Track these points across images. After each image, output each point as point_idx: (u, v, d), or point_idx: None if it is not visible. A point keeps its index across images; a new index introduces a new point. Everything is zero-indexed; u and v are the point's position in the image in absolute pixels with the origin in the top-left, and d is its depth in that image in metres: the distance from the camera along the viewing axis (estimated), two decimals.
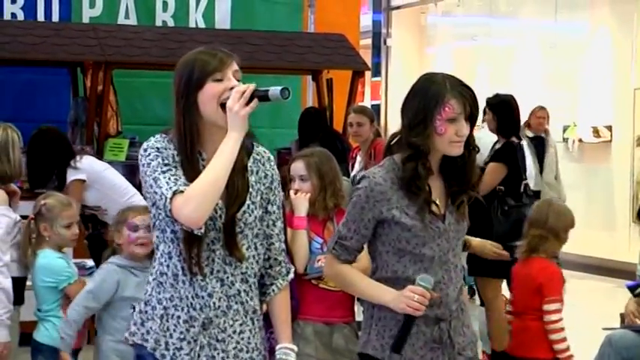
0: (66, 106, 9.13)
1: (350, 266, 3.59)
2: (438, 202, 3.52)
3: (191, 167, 3.17)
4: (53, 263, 5.14)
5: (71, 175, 6.86)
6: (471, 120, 3.50)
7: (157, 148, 3.18)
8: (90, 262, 6.59)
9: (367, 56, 16.70)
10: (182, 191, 3.08)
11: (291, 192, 4.69)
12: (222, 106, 3.14)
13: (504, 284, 6.95)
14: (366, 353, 3.61)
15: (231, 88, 3.13)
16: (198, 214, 3.07)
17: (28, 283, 5.36)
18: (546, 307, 5.25)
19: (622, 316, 6.64)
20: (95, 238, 6.85)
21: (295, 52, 9.35)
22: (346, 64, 9.42)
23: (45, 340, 5.15)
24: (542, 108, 11.39)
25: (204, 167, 3.16)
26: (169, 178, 3.12)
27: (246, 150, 3.25)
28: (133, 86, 9.74)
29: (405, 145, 3.51)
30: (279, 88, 3.10)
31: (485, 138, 7.44)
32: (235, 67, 3.21)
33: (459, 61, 16.79)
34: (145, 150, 3.20)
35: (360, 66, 9.52)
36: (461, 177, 3.54)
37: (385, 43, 18.09)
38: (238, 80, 3.19)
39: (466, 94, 3.49)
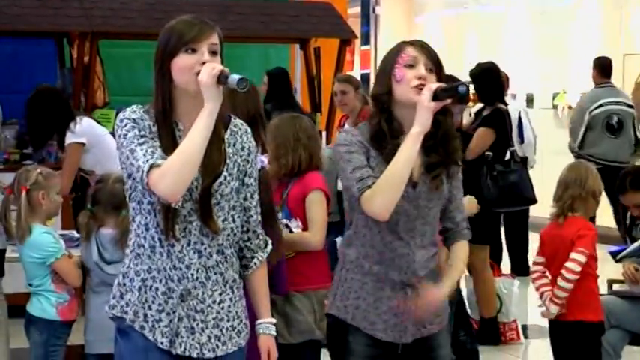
0: (53, 78, 9.08)
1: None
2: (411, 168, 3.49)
3: (167, 137, 3.14)
4: (39, 238, 5.11)
5: (70, 138, 6.81)
6: (437, 78, 3.51)
7: (134, 119, 3.16)
8: (78, 234, 6.57)
9: (356, 25, 16.65)
10: (159, 165, 3.06)
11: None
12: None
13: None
14: (330, 313, 3.68)
15: (203, 63, 3.10)
16: (175, 188, 3.06)
17: (14, 255, 5.36)
18: (574, 255, 5.14)
19: (609, 282, 6.67)
20: (81, 201, 6.86)
21: (282, 21, 9.32)
22: (333, 32, 9.40)
23: (38, 312, 5.15)
24: None
25: (180, 138, 3.16)
26: (146, 151, 3.09)
27: (223, 122, 3.24)
28: (120, 57, 9.69)
29: (372, 101, 3.61)
30: (238, 77, 3.07)
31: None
32: (213, 39, 3.17)
33: (448, 28, 16.76)
34: (122, 121, 3.17)
35: (347, 34, 9.49)
36: (441, 149, 3.56)
37: (374, 11, 18.06)
38: (214, 52, 3.16)
39: (426, 47, 3.56)
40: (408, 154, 3.40)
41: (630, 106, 10.65)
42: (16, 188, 5.17)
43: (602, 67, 10.76)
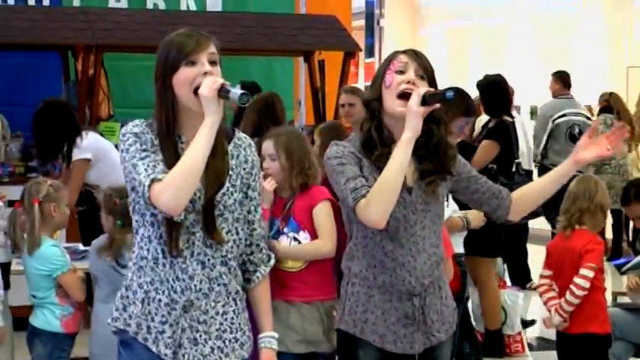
0: (57, 90, 9.10)
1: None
2: (404, 174, 3.49)
3: (169, 150, 3.15)
4: (47, 251, 5.13)
5: (77, 154, 6.84)
6: (429, 86, 3.53)
7: (135, 134, 3.17)
8: (82, 247, 6.58)
9: (360, 37, 16.67)
10: (160, 179, 3.07)
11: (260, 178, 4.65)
12: (195, 91, 3.12)
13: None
14: (339, 328, 3.68)
15: (205, 74, 3.12)
16: (176, 202, 3.07)
17: (19, 268, 5.36)
18: (583, 271, 5.16)
19: (614, 294, 6.66)
20: (86, 214, 6.87)
21: (286, 33, 9.33)
22: (337, 45, 9.40)
23: (42, 325, 5.17)
24: None
25: (183, 150, 3.16)
26: (148, 165, 3.11)
27: (226, 135, 3.26)
28: (124, 69, 9.71)
29: (363, 107, 3.64)
30: (240, 91, 3.08)
31: None
32: (212, 49, 3.18)
33: (453, 40, 16.78)
34: (124, 135, 3.19)
35: (351, 47, 9.49)
36: (435, 158, 3.57)
37: (378, 23, 18.08)
38: (214, 62, 3.17)
39: (418, 55, 3.59)
40: (400, 160, 3.41)
41: (588, 118, 10.87)
42: (27, 200, 5.19)
43: (563, 80, 11.03)
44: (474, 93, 7.38)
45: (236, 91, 3.09)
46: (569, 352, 5.32)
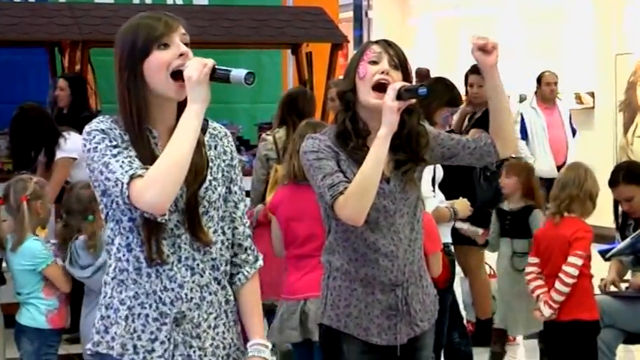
0: (45, 86, 9.09)
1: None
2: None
3: (143, 146, 2.82)
4: (30, 246, 5.12)
5: (61, 153, 6.82)
6: (403, 75, 3.52)
7: (102, 130, 2.82)
8: None
9: (349, 29, 16.66)
10: (140, 175, 2.73)
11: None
12: (173, 75, 2.80)
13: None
14: (322, 323, 3.67)
15: (181, 55, 2.81)
16: (162, 198, 2.72)
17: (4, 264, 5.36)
18: (572, 259, 5.16)
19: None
20: None
21: (274, 26, 9.32)
22: (325, 37, 9.41)
23: (28, 322, 5.15)
24: None
25: (157, 145, 2.85)
26: (123, 161, 2.76)
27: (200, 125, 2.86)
28: (111, 64, 9.58)
29: (338, 99, 3.62)
30: (245, 71, 2.75)
31: None
32: (182, 30, 2.86)
33: (442, 31, 16.77)
34: (89, 133, 2.83)
35: (338, 39, 9.50)
36: (407, 147, 3.56)
37: (367, 15, 18.07)
38: (186, 44, 2.84)
39: (391, 44, 3.57)
40: (377, 157, 3.39)
41: None
42: (14, 198, 5.17)
43: None
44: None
45: (240, 71, 2.76)
46: (557, 340, 5.32)
